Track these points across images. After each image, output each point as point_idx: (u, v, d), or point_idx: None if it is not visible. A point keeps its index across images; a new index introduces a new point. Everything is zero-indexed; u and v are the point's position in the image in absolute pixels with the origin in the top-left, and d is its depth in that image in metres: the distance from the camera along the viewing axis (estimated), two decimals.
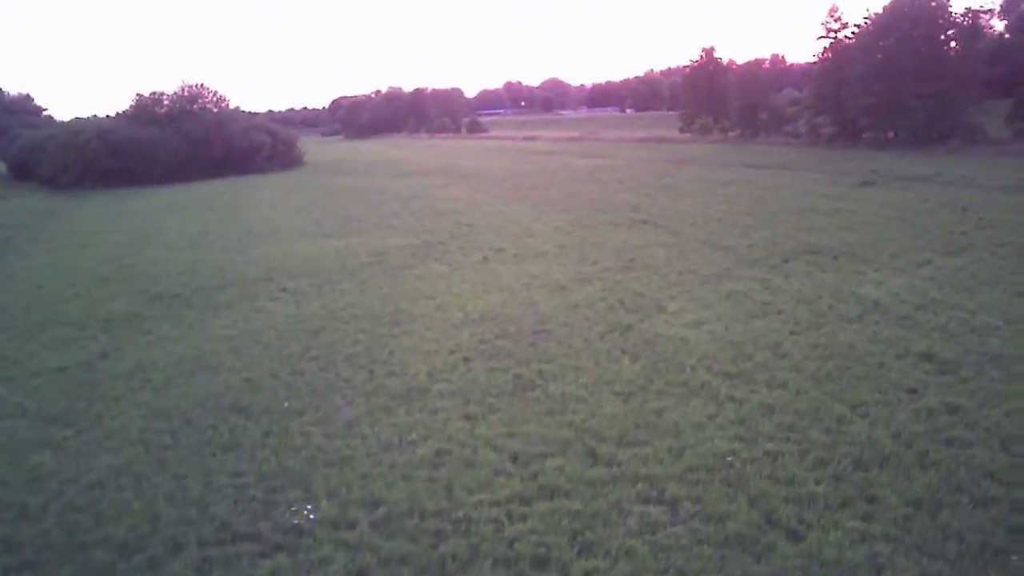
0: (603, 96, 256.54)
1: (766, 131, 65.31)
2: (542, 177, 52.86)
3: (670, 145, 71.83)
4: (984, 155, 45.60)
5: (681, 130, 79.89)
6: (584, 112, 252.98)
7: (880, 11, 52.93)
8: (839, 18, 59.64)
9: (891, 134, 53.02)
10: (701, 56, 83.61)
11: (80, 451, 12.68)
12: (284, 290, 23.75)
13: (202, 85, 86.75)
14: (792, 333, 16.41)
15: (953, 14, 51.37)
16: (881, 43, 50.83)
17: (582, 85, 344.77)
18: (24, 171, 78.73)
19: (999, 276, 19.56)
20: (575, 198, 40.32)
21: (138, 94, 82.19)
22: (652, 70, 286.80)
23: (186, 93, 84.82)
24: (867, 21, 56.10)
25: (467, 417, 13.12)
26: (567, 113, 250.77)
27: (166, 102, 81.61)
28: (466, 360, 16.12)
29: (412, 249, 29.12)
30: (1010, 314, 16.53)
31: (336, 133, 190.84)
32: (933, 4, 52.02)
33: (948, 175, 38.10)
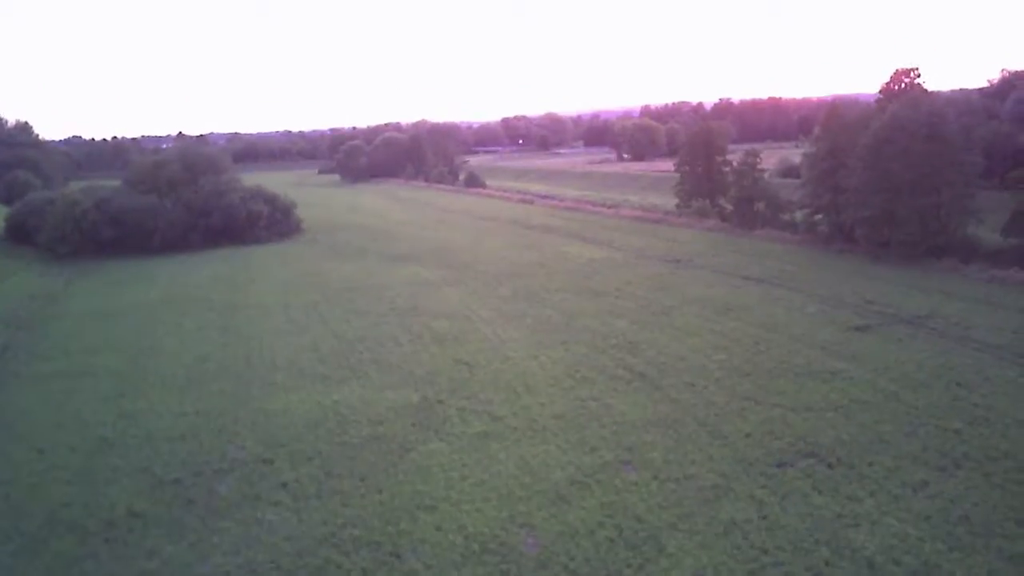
0: (599, 135, 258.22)
1: (763, 222, 65.52)
2: (540, 277, 52.99)
3: (667, 231, 71.89)
4: (980, 278, 45.82)
5: (678, 206, 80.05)
6: (581, 151, 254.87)
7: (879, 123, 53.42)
8: (839, 116, 60.22)
9: (886, 242, 53.18)
10: (699, 131, 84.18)
11: None
12: (284, 486, 23.86)
13: (201, 137, 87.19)
14: None
15: (948, 113, 51.70)
16: (878, 156, 51.08)
17: (579, 116, 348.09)
18: (22, 234, 78.72)
19: (991, 524, 19.72)
20: (573, 325, 40.45)
21: (136, 160, 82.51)
22: (648, 106, 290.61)
23: (186, 155, 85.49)
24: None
25: None
26: (564, 152, 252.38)
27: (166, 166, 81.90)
28: None
29: (411, 413, 29.24)
30: None
31: (333, 171, 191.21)
32: (930, 113, 52.47)
33: (941, 317, 38.28)
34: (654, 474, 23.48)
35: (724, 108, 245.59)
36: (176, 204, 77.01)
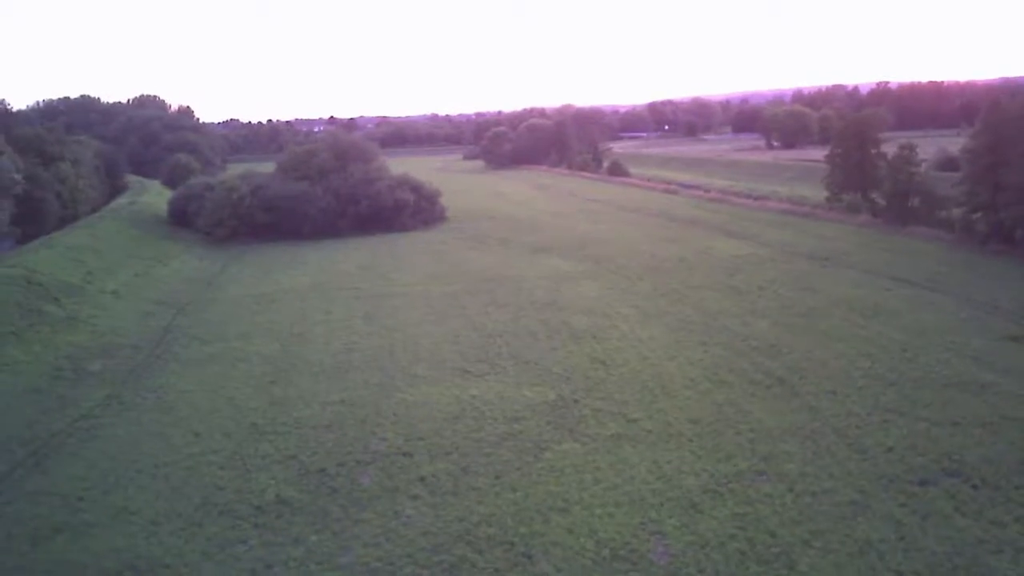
0: (748, 120, 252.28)
1: (917, 219, 63.03)
2: (681, 273, 52.70)
3: (815, 225, 70.07)
4: None
5: (827, 200, 77.64)
6: (729, 137, 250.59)
7: None
8: (1002, 108, 57.31)
9: None
10: (852, 120, 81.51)
11: None
12: (422, 480, 24.77)
13: (351, 120, 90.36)
14: None
15: None
16: None
17: (727, 101, 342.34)
18: (183, 218, 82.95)
19: None
20: (713, 324, 40.13)
21: (290, 148, 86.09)
22: (800, 90, 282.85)
23: (336, 143, 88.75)
24: None
25: None
26: (711, 139, 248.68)
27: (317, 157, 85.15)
28: None
29: (547, 411, 29.78)
30: None
31: (478, 157, 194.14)
32: None
33: None
34: (789, 486, 23.24)
35: (881, 93, 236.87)
36: (326, 191, 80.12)
